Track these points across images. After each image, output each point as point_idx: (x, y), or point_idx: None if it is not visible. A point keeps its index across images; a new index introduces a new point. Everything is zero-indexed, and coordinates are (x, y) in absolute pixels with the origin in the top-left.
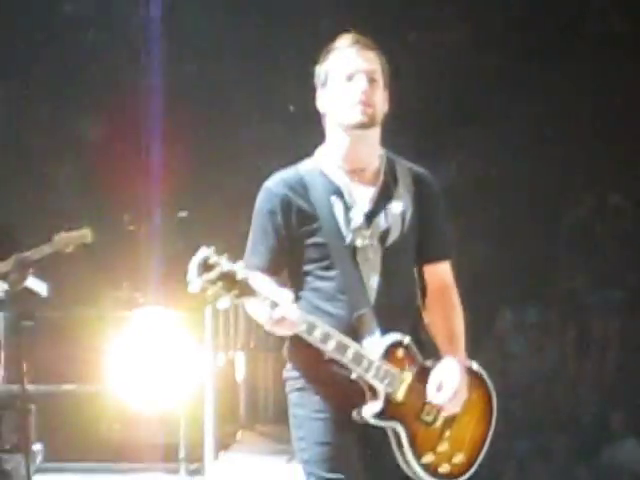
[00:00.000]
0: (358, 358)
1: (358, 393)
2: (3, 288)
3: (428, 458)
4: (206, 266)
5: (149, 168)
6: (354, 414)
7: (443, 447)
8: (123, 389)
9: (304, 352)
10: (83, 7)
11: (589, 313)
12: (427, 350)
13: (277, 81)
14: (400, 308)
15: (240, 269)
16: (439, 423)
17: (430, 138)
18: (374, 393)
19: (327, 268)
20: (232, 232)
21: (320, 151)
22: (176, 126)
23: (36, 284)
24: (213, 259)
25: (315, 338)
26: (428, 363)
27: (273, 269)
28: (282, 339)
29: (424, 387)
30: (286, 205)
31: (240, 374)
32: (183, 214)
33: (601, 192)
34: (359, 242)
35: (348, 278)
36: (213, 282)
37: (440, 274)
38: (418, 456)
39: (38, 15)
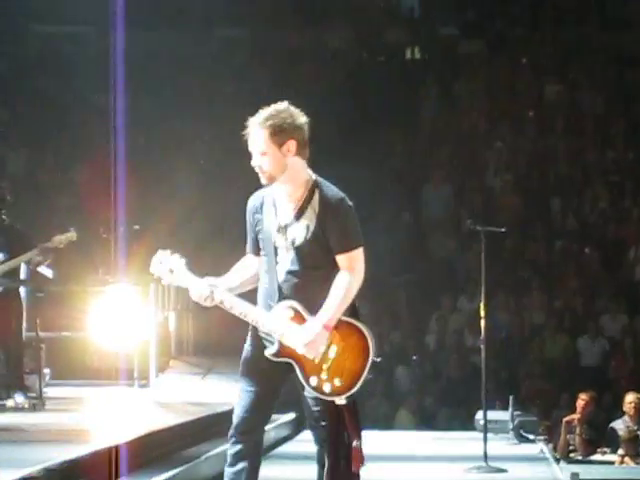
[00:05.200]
0: (252, 320)
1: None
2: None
3: (314, 381)
4: (160, 261)
5: (116, 199)
6: (264, 353)
7: (324, 374)
8: (99, 335)
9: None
10: None
11: None
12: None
13: None
14: (300, 286)
15: (178, 265)
16: (318, 359)
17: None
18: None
19: (264, 255)
20: (168, 240)
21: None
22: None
23: (45, 270)
24: (164, 257)
25: (225, 307)
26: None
27: (255, 251)
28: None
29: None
30: (251, 213)
31: (172, 325)
32: (136, 227)
33: None
34: (278, 243)
35: (270, 265)
36: (162, 272)
37: (340, 261)
38: (307, 379)
39: None
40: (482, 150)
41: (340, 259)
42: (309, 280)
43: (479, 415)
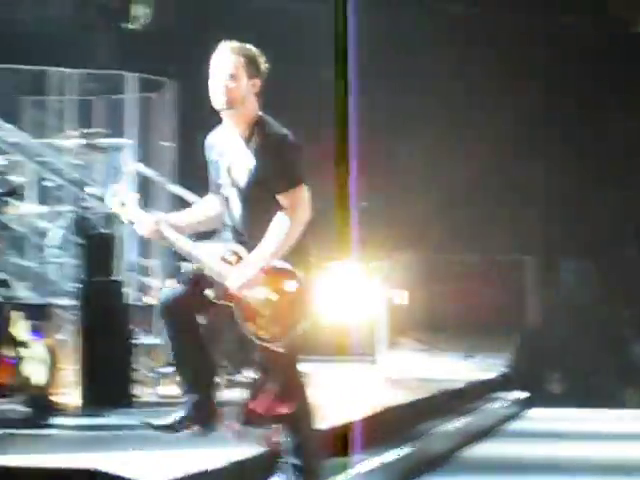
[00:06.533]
0: (195, 259)
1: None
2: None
3: (250, 325)
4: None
5: (345, 175)
6: (206, 294)
7: (263, 320)
8: (330, 311)
9: None
10: None
11: None
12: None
13: None
14: (250, 230)
15: (127, 200)
16: (256, 303)
17: None
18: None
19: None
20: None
21: None
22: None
23: None
24: (118, 190)
25: (170, 245)
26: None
27: (213, 190)
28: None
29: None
30: (208, 150)
31: (401, 301)
32: (364, 204)
33: None
34: (227, 184)
35: (223, 207)
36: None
37: (281, 201)
38: (245, 324)
39: None
40: None
41: (281, 199)
42: (258, 224)
43: None
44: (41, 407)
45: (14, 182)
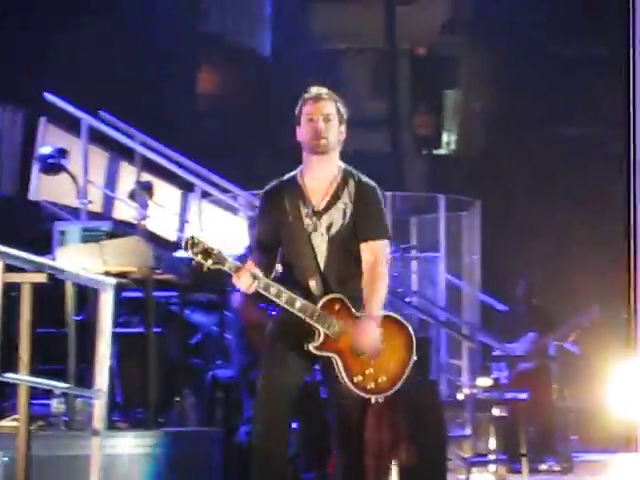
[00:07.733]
0: (304, 308)
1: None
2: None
3: (358, 378)
4: (193, 244)
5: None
6: (305, 347)
7: (369, 371)
8: (620, 404)
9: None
10: None
11: None
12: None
13: None
14: (339, 275)
15: (215, 247)
16: (365, 355)
17: None
18: (319, 333)
19: (291, 247)
20: None
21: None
22: None
23: (571, 347)
24: (197, 239)
25: (271, 294)
26: (358, 314)
27: (267, 247)
28: None
29: (354, 330)
30: (271, 203)
31: None
32: None
33: None
34: (312, 230)
35: (302, 255)
36: (196, 254)
37: (366, 250)
38: (350, 377)
39: None
40: None
41: (367, 247)
42: (348, 269)
43: None
44: None
45: None
